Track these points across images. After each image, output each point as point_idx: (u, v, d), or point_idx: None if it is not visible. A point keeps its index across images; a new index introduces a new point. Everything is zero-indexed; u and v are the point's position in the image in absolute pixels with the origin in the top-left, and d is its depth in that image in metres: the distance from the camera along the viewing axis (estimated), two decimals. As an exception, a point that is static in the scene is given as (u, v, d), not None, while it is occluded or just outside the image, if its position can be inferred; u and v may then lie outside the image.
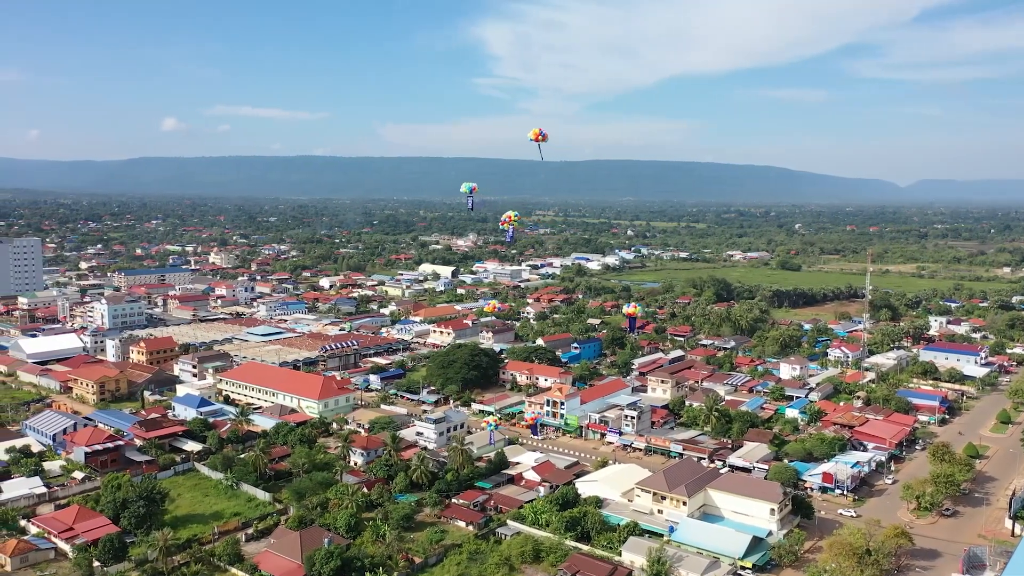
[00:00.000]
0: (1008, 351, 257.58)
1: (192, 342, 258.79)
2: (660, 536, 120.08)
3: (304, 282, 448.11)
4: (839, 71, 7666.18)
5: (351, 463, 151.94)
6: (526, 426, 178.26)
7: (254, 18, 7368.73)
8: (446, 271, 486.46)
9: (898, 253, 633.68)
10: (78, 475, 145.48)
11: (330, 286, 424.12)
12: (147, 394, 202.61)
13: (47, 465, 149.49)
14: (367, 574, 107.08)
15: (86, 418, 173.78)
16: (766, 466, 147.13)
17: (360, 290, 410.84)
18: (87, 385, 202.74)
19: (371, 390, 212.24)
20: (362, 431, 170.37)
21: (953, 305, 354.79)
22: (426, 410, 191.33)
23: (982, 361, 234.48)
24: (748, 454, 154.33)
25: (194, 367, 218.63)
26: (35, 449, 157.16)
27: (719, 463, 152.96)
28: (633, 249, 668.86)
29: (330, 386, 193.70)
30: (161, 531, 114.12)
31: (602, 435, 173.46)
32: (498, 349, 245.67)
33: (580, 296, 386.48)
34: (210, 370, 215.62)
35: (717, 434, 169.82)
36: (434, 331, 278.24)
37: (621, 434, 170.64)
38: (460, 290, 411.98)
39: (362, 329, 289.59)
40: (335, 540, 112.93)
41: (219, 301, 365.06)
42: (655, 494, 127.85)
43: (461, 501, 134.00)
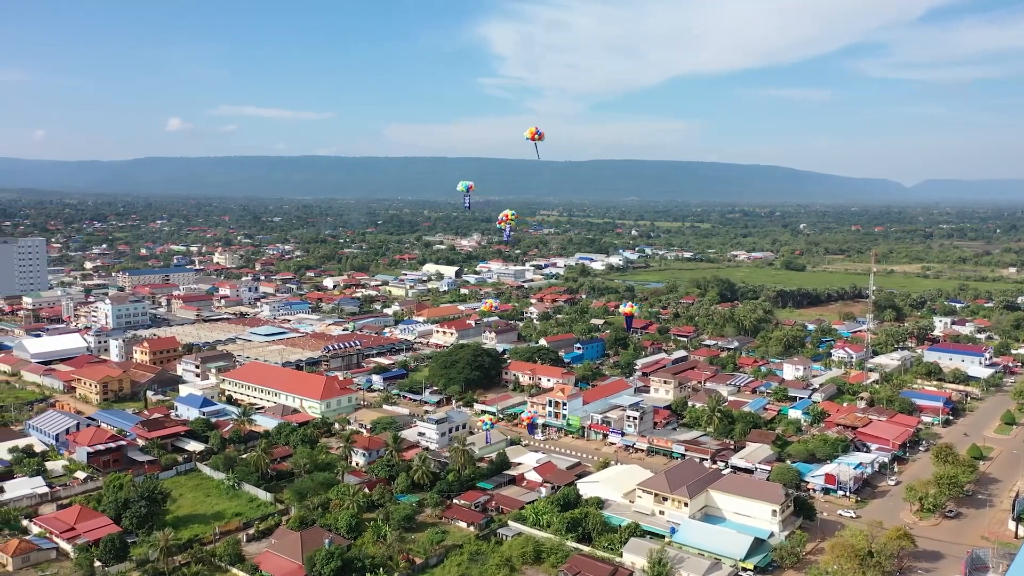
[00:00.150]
0: (1013, 352, 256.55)
1: (195, 342, 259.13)
2: (661, 537, 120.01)
3: (308, 282, 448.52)
4: (844, 71, 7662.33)
5: (353, 463, 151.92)
6: (523, 425, 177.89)
7: (259, 18, 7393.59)
8: (450, 271, 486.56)
9: (903, 253, 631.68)
10: (80, 475, 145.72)
11: (334, 286, 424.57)
12: (150, 394, 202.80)
13: (50, 465, 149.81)
14: (367, 574, 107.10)
15: (89, 418, 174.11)
16: (768, 467, 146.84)
17: (364, 290, 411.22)
18: (90, 385, 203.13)
19: (374, 390, 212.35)
20: (364, 431, 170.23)
21: (958, 305, 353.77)
22: (428, 410, 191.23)
23: (986, 362, 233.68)
24: (750, 455, 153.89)
25: (197, 367, 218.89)
26: (38, 449, 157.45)
27: (721, 464, 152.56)
28: (637, 249, 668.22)
29: (332, 386, 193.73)
30: (162, 531, 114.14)
31: (604, 436, 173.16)
32: (501, 349, 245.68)
33: (584, 296, 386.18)
34: (213, 370, 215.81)
35: (719, 435, 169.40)
36: (437, 331, 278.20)
37: (623, 435, 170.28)
38: (464, 290, 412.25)
39: (365, 329, 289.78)
40: (336, 541, 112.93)
41: (223, 301, 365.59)
42: (656, 495, 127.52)
43: (462, 502, 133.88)
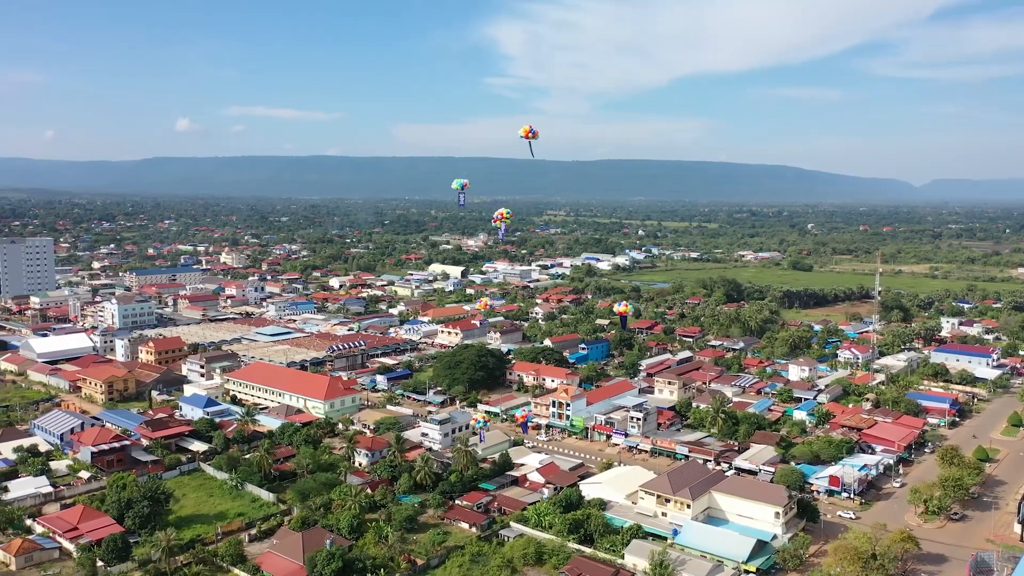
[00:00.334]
0: (1021, 353, 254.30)
1: (201, 342, 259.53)
2: (664, 539, 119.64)
3: (314, 282, 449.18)
4: (854, 70, 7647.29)
5: (356, 464, 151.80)
6: (517, 424, 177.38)
7: (268, 19, 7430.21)
8: (456, 271, 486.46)
9: (911, 253, 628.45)
10: (84, 475, 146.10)
11: (340, 286, 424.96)
12: (155, 394, 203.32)
13: (54, 464, 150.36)
14: (368, 575, 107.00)
15: (94, 418, 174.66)
16: (772, 468, 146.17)
17: (370, 290, 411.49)
18: (95, 385, 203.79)
19: (378, 390, 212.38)
20: (367, 432, 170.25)
21: (966, 306, 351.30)
22: (431, 411, 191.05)
23: (994, 363, 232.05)
24: (754, 456, 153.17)
25: (202, 367, 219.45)
26: (42, 448, 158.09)
27: (725, 465, 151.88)
28: (644, 249, 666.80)
29: (336, 386, 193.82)
30: (164, 531, 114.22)
31: (608, 436, 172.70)
32: (505, 350, 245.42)
33: (589, 296, 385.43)
34: (217, 370, 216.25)
35: (724, 436, 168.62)
36: (442, 331, 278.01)
37: (627, 436, 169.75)
38: (469, 290, 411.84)
39: (370, 329, 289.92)
40: (337, 541, 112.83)
41: (229, 301, 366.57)
42: (659, 497, 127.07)
43: (464, 503, 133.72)
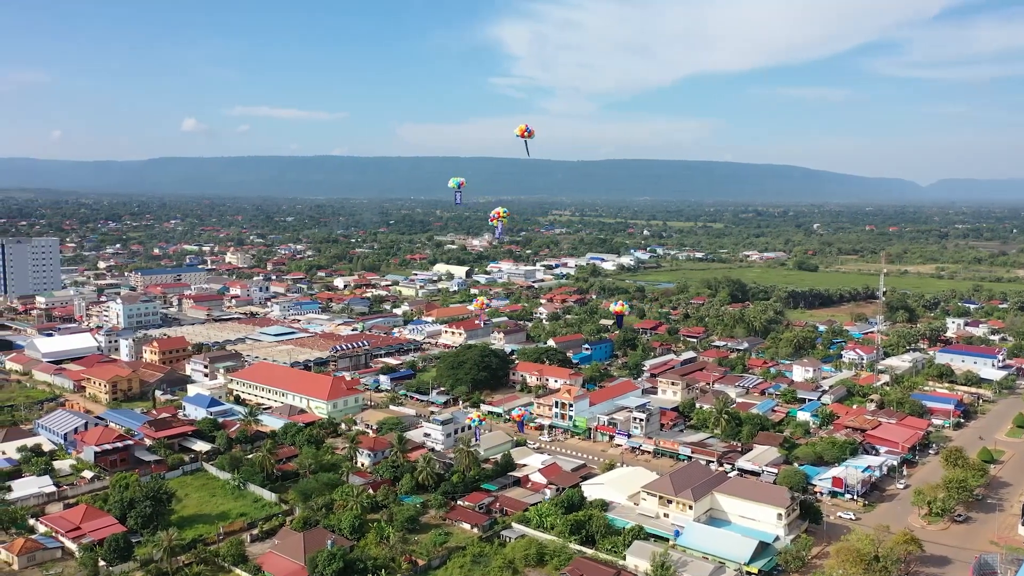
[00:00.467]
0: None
1: (205, 342, 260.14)
2: (665, 540, 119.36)
3: (319, 282, 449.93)
4: (859, 70, 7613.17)
5: (358, 464, 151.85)
6: (513, 423, 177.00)
7: (272, 18, 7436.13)
8: (460, 271, 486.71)
9: (917, 253, 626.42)
10: (87, 474, 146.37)
11: (344, 286, 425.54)
12: (159, 394, 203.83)
13: (57, 464, 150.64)
14: (369, 575, 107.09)
15: (98, 417, 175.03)
16: (775, 470, 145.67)
17: (374, 290, 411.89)
18: (100, 384, 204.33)
19: (381, 391, 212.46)
20: (370, 432, 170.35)
21: (972, 307, 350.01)
22: (433, 411, 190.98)
23: (1000, 364, 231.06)
24: (757, 457, 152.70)
25: (205, 367, 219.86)
26: (46, 448, 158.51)
27: (728, 466, 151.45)
28: (648, 249, 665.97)
29: (339, 386, 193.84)
30: (166, 531, 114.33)
31: (610, 437, 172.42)
32: (509, 350, 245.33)
33: (594, 296, 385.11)
34: (221, 370, 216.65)
35: (727, 437, 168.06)
36: (446, 331, 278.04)
37: (630, 436, 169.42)
38: (474, 290, 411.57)
39: (374, 329, 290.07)
40: (338, 542, 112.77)
41: (233, 301, 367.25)
42: (661, 498, 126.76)
43: (466, 503, 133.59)
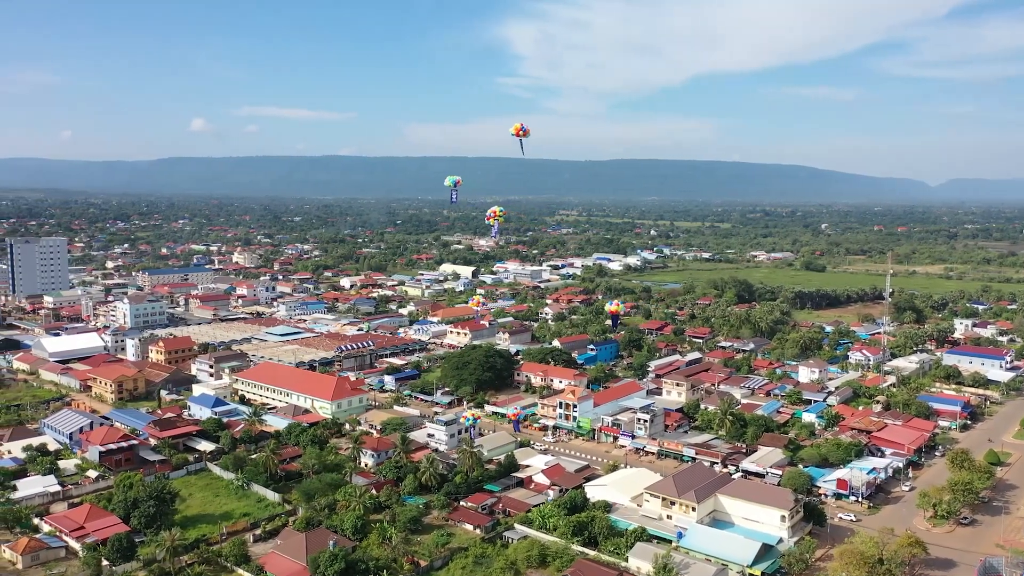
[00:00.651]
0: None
1: (211, 341, 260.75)
2: (668, 542, 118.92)
3: (325, 282, 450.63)
4: (869, 69, 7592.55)
5: (361, 464, 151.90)
6: (509, 422, 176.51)
7: (278, 19, 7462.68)
8: (466, 271, 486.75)
9: (926, 254, 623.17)
10: (92, 474, 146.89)
11: (351, 286, 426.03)
12: (164, 393, 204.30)
13: (62, 463, 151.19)
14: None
15: (103, 417, 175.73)
16: (780, 471, 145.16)
17: (380, 290, 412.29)
18: (105, 384, 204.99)
19: (386, 391, 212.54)
20: (374, 432, 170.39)
21: (980, 307, 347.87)
22: (437, 412, 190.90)
23: (1007, 365, 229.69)
24: (762, 459, 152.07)
25: (211, 367, 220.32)
26: (52, 447, 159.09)
27: (732, 468, 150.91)
28: (655, 249, 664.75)
29: (343, 387, 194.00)
30: (169, 531, 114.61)
31: (615, 438, 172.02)
32: (514, 350, 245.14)
33: (600, 297, 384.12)
34: (226, 370, 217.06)
35: (731, 438, 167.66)
36: (451, 332, 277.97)
37: (634, 437, 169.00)
38: (480, 290, 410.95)
39: (380, 329, 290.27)
40: (341, 542, 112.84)
41: (240, 301, 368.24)
42: (664, 499, 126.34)
43: (469, 504, 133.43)
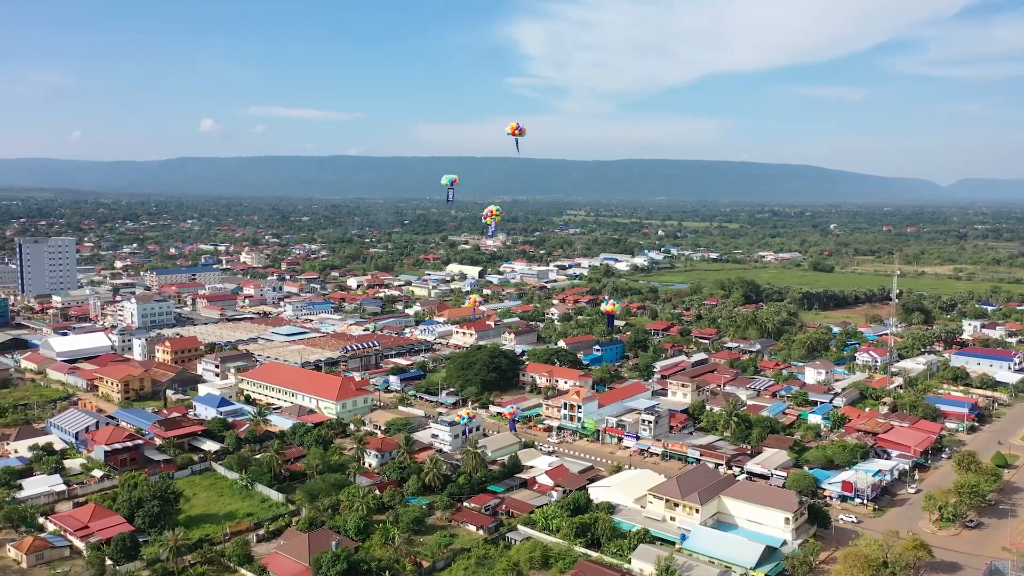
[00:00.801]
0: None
1: (218, 341, 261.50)
2: (672, 544, 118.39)
3: (332, 282, 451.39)
4: (878, 68, 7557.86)
5: (365, 465, 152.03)
6: (504, 420, 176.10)
7: (289, 19, 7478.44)
8: (473, 271, 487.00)
9: (935, 254, 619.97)
10: (97, 473, 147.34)
11: (357, 286, 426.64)
12: (170, 393, 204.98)
13: (68, 463, 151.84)
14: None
15: (109, 416, 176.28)
16: (785, 473, 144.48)
17: (387, 290, 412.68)
18: (112, 383, 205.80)
19: (391, 391, 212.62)
20: (379, 432, 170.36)
21: (989, 308, 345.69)
22: (441, 412, 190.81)
23: (1016, 367, 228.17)
24: (766, 461, 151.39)
25: (217, 366, 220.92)
26: (57, 447, 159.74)
27: (736, 469, 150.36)
28: (663, 249, 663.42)
29: (348, 387, 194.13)
30: (173, 531, 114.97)
31: (619, 439, 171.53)
32: (519, 351, 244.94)
33: (606, 297, 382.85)
34: (232, 370, 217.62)
35: (736, 440, 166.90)
36: (457, 332, 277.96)
37: (638, 438, 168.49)
38: (486, 291, 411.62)
39: (386, 329, 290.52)
40: (343, 543, 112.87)
41: (247, 301, 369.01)
42: (668, 501, 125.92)
43: (472, 505, 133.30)
